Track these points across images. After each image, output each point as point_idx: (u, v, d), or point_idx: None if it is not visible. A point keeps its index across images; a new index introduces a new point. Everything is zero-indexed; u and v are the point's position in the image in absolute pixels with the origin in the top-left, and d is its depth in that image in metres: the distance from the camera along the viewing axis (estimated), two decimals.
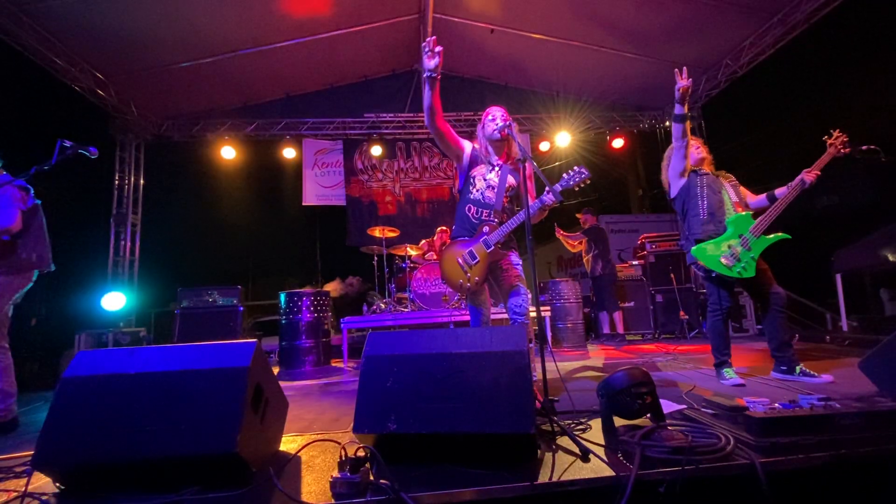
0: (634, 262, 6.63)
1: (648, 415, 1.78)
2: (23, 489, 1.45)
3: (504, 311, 2.52)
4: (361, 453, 1.40)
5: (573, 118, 7.74)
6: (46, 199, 2.91)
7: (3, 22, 4.64)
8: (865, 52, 8.22)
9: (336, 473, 1.33)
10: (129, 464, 1.42)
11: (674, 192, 3.10)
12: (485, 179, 2.51)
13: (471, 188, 2.52)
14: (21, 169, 2.67)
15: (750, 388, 2.59)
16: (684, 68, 2.86)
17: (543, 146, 7.96)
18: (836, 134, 2.88)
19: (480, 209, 2.49)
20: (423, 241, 6.25)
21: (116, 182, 6.90)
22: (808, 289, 6.09)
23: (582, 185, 2.42)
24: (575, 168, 2.42)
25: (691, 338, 5.78)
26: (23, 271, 2.73)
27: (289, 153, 7.51)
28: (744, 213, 2.86)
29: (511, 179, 2.52)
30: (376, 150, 7.64)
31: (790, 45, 5.94)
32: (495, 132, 2.50)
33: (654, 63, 6.72)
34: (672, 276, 6.11)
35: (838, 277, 5.05)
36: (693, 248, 2.86)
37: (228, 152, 7.26)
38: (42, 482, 1.53)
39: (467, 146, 2.62)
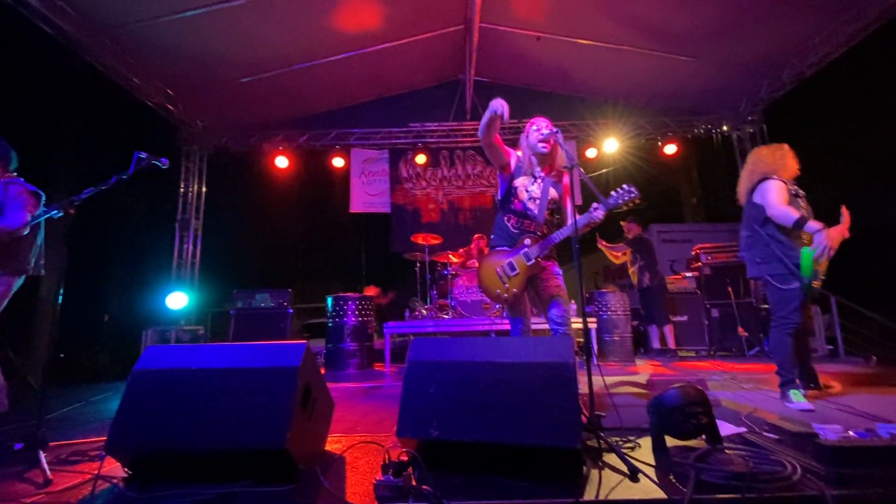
0: (688, 274, 6.30)
1: (703, 436, 1.68)
2: (96, 471, 1.57)
3: (545, 321, 2.46)
4: (404, 457, 1.41)
5: (622, 124, 7.51)
6: (123, 206, 3.16)
7: (90, 44, 5.14)
8: None
9: (379, 476, 1.35)
10: (189, 453, 1.51)
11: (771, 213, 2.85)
12: (527, 191, 2.48)
13: (512, 199, 2.49)
14: (100, 179, 2.94)
15: (820, 414, 2.39)
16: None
17: (590, 153, 7.78)
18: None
19: (521, 220, 2.47)
20: (461, 249, 6.26)
21: (181, 190, 7.42)
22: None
23: (631, 205, 2.32)
24: (624, 186, 2.31)
25: (751, 356, 5.41)
26: (22, 274, 2.72)
27: (338, 162, 7.80)
28: None
29: (553, 192, 2.48)
30: (421, 159, 7.77)
31: (864, 44, 5.48)
32: (539, 144, 2.47)
33: (709, 65, 6.41)
34: (730, 289, 5.75)
35: None
36: (805, 248, 2.66)
37: (282, 162, 7.64)
38: (113, 466, 1.66)
39: (513, 157, 2.60)
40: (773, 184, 2.84)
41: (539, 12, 6.04)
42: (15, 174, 2.79)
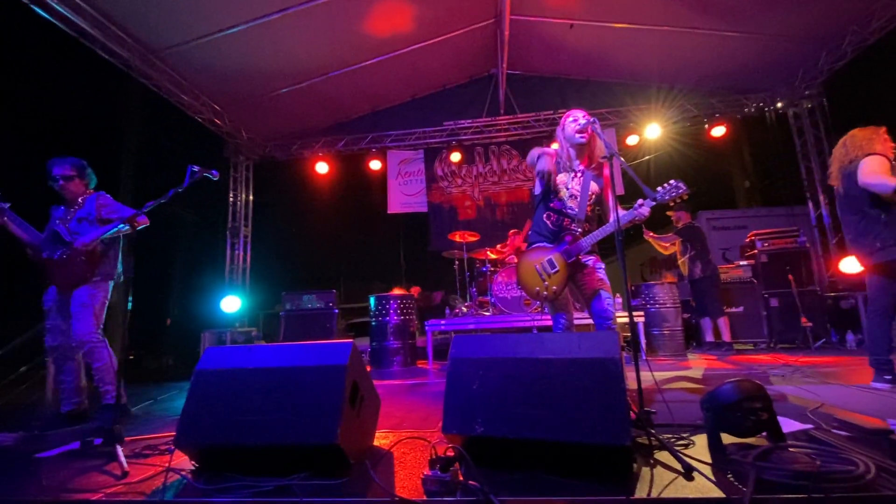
0: (742, 263, 5.95)
1: (764, 433, 1.59)
2: (167, 464, 1.70)
3: (588, 316, 2.41)
4: (451, 453, 1.43)
5: (664, 108, 7.19)
6: (180, 217, 3.40)
7: (143, 67, 5.52)
8: None
9: (427, 471, 1.38)
10: (248, 447, 1.60)
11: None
12: (567, 188, 2.42)
13: (552, 197, 2.43)
14: (159, 192, 3.16)
15: (894, 408, 2.20)
16: None
17: (631, 140, 7.49)
18: None
19: (562, 217, 2.41)
20: (499, 245, 6.22)
21: (231, 199, 7.82)
22: None
23: (679, 200, 2.21)
24: (672, 182, 2.21)
25: (816, 348, 5.05)
26: (112, 280, 3.00)
27: (375, 165, 7.96)
28: None
29: (594, 186, 2.41)
30: (455, 157, 7.78)
31: None
32: (577, 134, 2.39)
33: (758, 39, 6.00)
34: (790, 277, 5.38)
35: None
36: None
37: (322, 167, 7.89)
38: (181, 459, 1.79)
39: (551, 163, 2.48)
40: (873, 158, 2.68)
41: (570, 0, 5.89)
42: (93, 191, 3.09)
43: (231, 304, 6.87)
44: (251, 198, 8.08)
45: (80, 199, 2.97)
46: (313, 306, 5.73)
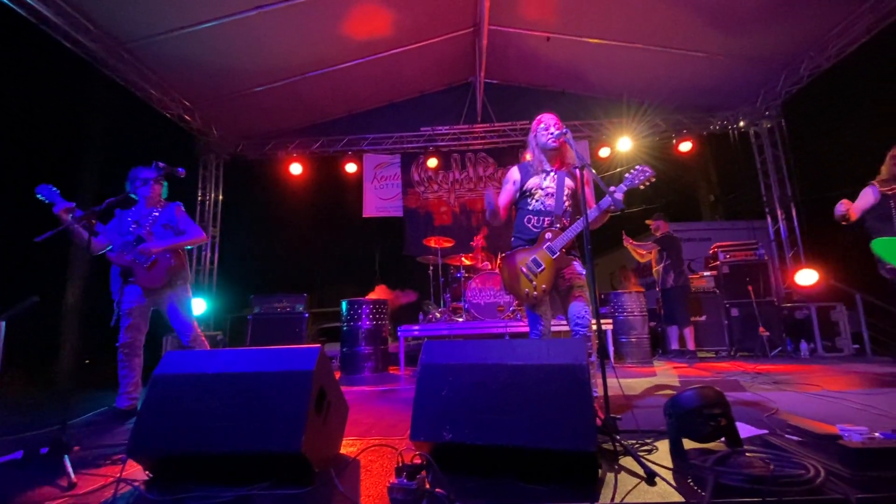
0: (706, 273, 6.17)
1: (723, 439, 1.64)
2: (118, 475, 1.61)
3: (564, 322, 2.42)
4: (418, 460, 1.42)
5: (635, 123, 7.42)
6: None
7: (110, 59, 5.30)
8: None
9: (393, 479, 1.36)
10: (207, 456, 1.54)
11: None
12: (542, 188, 2.45)
13: (529, 200, 2.47)
14: (123, 189, 3.03)
15: (844, 415, 2.31)
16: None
17: (603, 152, 7.70)
18: None
19: (542, 218, 2.42)
20: (470, 255, 6.24)
21: (199, 198, 7.58)
22: None
23: (647, 184, 2.28)
24: (637, 167, 2.29)
25: (772, 357, 5.27)
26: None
27: (350, 168, 7.89)
28: None
29: (569, 182, 2.46)
30: (432, 163, 7.80)
31: (885, 33, 5.31)
32: (550, 141, 2.44)
33: (723, 61, 6.30)
34: (750, 288, 5.62)
35: None
36: (876, 240, 2.85)
37: (296, 168, 7.76)
38: (135, 469, 1.70)
39: (515, 174, 2.57)
40: None
41: (548, 13, 6.03)
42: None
43: (196, 306, 6.62)
44: (221, 197, 7.85)
45: (159, 205, 3.10)
46: (283, 310, 5.60)
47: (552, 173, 2.46)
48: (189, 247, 3.15)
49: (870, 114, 7.39)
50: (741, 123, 7.53)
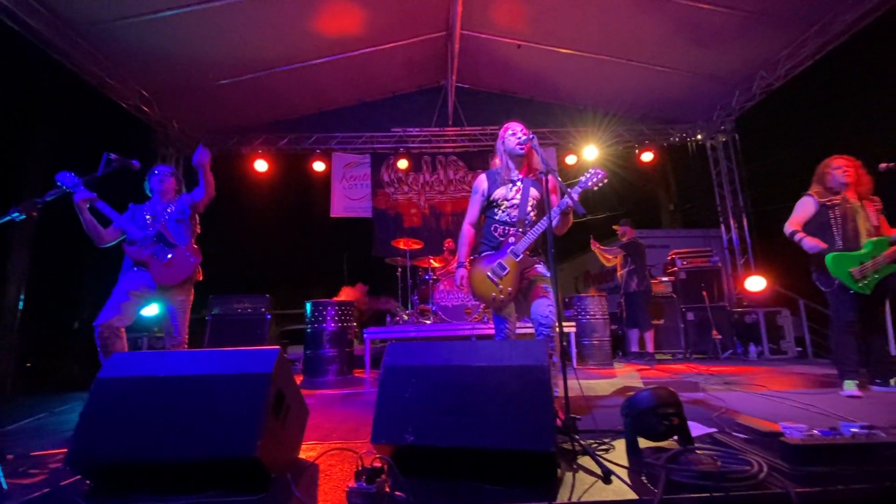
0: (664, 279, 6.42)
1: (675, 437, 1.71)
2: (55, 484, 1.51)
3: (530, 325, 2.46)
4: (378, 464, 1.40)
5: (601, 132, 7.66)
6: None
7: (61, 43, 4.99)
8: None
9: (353, 483, 1.33)
10: (154, 464, 1.46)
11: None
12: (507, 199, 2.53)
13: (496, 210, 2.55)
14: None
15: (786, 413, 2.46)
16: None
17: (570, 160, 7.89)
18: None
19: (507, 227, 2.51)
20: (440, 257, 6.25)
21: None
22: None
23: (600, 185, 2.38)
24: (591, 170, 2.38)
25: (724, 358, 5.54)
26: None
27: (319, 166, 7.73)
28: (883, 237, 3.00)
29: (534, 192, 2.53)
30: (402, 164, 7.75)
31: (830, 57, 5.72)
32: (517, 146, 2.50)
33: (684, 76, 6.60)
34: (704, 293, 5.89)
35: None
36: (829, 255, 3.01)
37: (262, 165, 7.54)
38: (74, 478, 1.60)
39: (482, 183, 2.64)
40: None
41: (519, 21, 6.13)
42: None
43: (150, 307, 6.30)
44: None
45: (174, 201, 3.08)
46: (244, 311, 5.41)
47: (518, 183, 2.54)
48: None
49: (814, 131, 7.93)
50: (699, 136, 7.90)
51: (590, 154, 7.58)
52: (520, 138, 2.50)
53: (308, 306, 4.94)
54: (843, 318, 3.01)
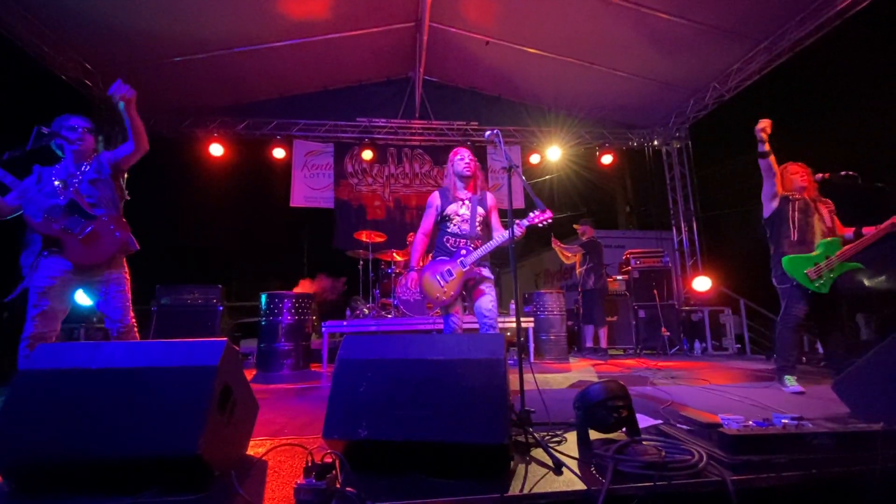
0: (619, 278, 6.67)
1: (624, 429, 1.77)
2: None
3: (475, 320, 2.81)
4: (329, 459, 1.36)
5: (564, 132, 7.82)
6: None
7: None
8: (847, 81, 8.49)
9: (301, 480, 1.29)
10: (84, 463, 1.36)
11: (766, 214, 3.39)
12: (458, 215, 2.90)
13: (448, 224, 2.91)
14: (4, 147, 2.58)
15: (727, 405, 2.61)
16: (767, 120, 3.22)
17: (534, 159, 8.02)
18: None
19: (458, 239, 2.87)
20: (402, 251, 6.20)
21: None
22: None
23: (544, 224, 2.65)
24: (539, 210, 2.63)
25: (671, 354, 5.83)
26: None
27: (278, 153, 7.44)
28: (834, 237, 3.14)
29: (480, 210, 2.92)
30: (367, 155, 7.60)
31: (776, 72, 6.11)
32: (464, 169, 2.91)
33: (644, 83, 6.84)
34: (655, 292, 6.16)
35: None
36: (784, 257, 3.13)
37: (217, 149, 7.17)
38: None
39: (436, 199, 2.97)
40: None
41: (489, 17, 6.14)
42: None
43: (78, 293, 5.88)
44: (126, 175, 7.05)
45: (89, 160, 2.58)
46: (195, 302, 5.15)
47: (467, 201, 2.92)
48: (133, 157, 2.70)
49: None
50: (655, 142, 8.23)
51: (553, 154, 7.74)
52: (467, 163, 2.91)
53: (263, 298, 4.77)
54: (792, 315, 3.12)
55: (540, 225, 2.64)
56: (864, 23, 5.22)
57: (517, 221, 2.54)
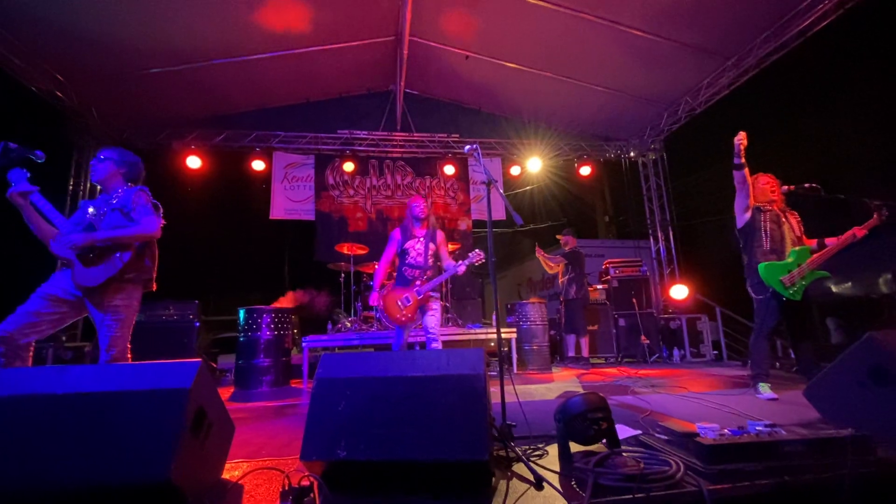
0: (599, 287, 6.76)
1: (604, 440, 1.78)
2: None
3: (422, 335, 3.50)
4: (306, 482, 1.33)
5: (543, 144, 7.96)
6: None
7: None
8: (810, 96, 8.89)
9: None
10: (49, 494, 1.30)
11: (739, 225, 3.50)
12: (414, 249, 3.60)
13: (406, 256, 3.60)
14: None
15: (704, 413, 2.65)
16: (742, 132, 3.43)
17: (515, 170, 8.13)
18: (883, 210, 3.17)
19: (414, 269, 3.56)
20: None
21: (71, 188, 6.56)
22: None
23: (478, 263, 3.41)
24: (476, 251, 3.44)
25: (651, 362, 5.91)
26: (148, 288, 2.65)
27: (258, 165, 7.36)
28: (804, 246, 3.26)
29: (431, 246, 3.62)
30: (349, 166, 7.58)
31: (744, 87, 6.36)
32: (419, 213, 3.63)
33: (620, 97, 7.04)
34: (634, 301, 6.26)
35: None
36: (761, 264, 3.23)
37: (194, 162, 7.06)
38: None
39: (398, 235, 3.67)
40: None
41: (468, 32, 6.24)
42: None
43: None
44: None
45: (119, 190, 2.61)
46: (170, 318, 5.02)
47: (421, 239, 3.62)
48: (137, 242, 2.55)
49: (730, 154, 8.73)
50: (632, 154, 8.44)
51: (533, 165, 7.85)
52: (422, 208, 3.63)
53: (241, 313, 4.67)
54: (766, 325, 3.23)
55: (476, 263, 3.40)
56: (824, 42, 5.49)
57: (458, 263, 3.38)
